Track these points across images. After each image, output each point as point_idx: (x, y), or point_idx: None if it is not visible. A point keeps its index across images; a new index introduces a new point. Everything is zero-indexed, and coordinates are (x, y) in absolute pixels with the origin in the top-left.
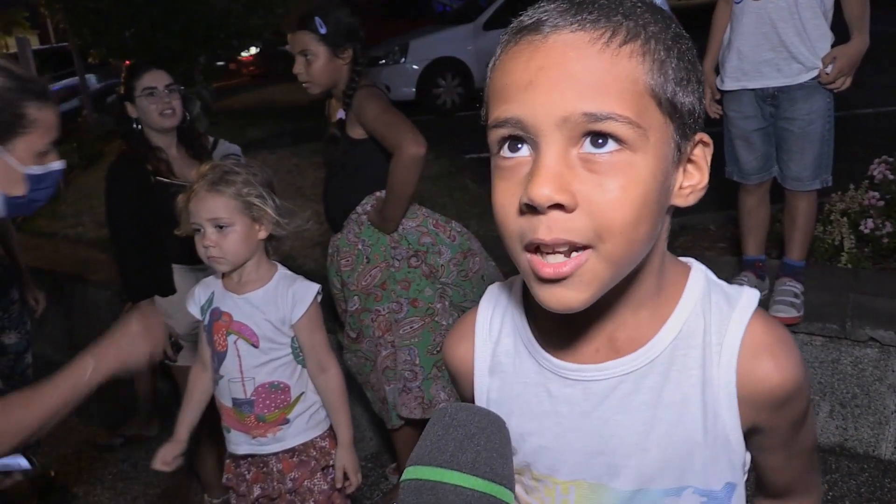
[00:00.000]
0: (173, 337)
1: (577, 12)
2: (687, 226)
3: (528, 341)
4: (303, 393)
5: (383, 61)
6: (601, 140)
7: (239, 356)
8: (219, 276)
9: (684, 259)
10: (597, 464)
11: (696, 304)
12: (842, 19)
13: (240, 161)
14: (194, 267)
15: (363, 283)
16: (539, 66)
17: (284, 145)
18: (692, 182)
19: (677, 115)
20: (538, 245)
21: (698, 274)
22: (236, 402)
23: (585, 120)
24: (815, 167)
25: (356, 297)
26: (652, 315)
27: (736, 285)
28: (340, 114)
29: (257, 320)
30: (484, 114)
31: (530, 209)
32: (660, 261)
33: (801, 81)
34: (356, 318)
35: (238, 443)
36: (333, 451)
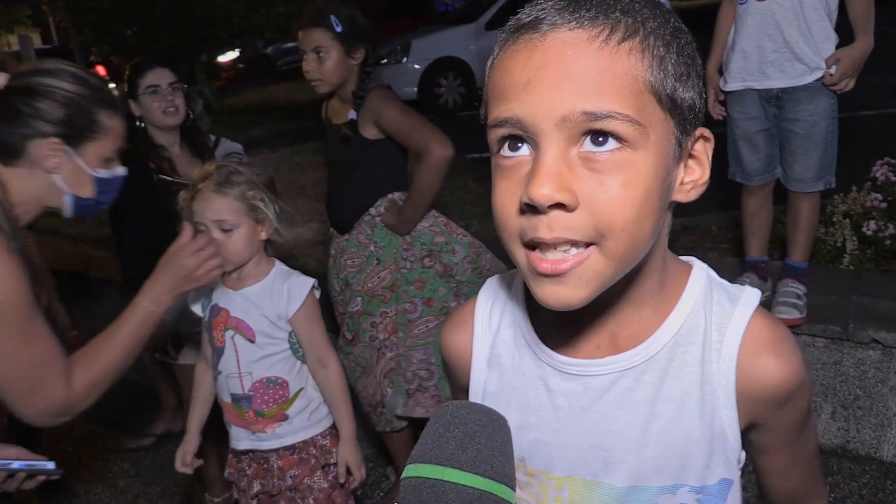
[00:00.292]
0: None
1: (575, 10)
2: (689, 226)
3: (528, 335)
4: (302, 388)
5: (385, 61)
6: (601, 139)
7: (236, 351)
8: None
9: (686, 258)
10: (593, 459)
11: (698, 301)
12: (846, 20)
13: (242, 160)
14: None
15: (369, 285)
16: (538, 65)
17: (286, 144)
18: (693, 177)
19: (677, 111)
20: (538, 243)
21: (700, 272)
22: (235, 398)
23: (585, 119)
24: (819, 168)
25: (359, 298)
26: (653, 312)
27: (737, 284)
28: (352, 114)
29: (253, 315)
30: (483, 113)
31: (530, 208)
32: (662, 258)
33: (805, 82)
34: (355, 320)
35: (239, 438)
36: (334, 450)
